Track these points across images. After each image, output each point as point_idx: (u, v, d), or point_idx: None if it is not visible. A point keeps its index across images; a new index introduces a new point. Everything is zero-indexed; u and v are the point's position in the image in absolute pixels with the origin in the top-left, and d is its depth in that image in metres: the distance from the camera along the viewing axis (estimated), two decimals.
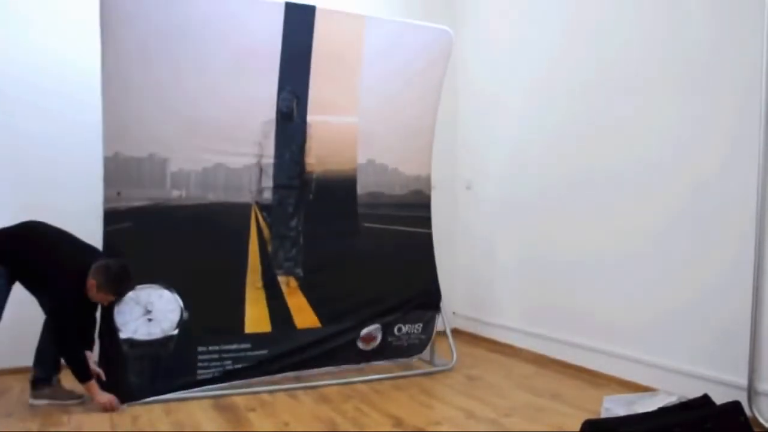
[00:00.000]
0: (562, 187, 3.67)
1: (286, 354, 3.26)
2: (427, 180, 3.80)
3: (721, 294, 2.76)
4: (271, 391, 3.08)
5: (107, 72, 2.95)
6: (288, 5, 3.27)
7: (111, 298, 2.87)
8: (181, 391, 2.99)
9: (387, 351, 3.57)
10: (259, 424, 2.62)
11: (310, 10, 3.33)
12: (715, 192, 2.79)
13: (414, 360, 3.67)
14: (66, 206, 3.50)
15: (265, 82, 3.31)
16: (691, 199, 2.91)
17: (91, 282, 2.79)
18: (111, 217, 3.01)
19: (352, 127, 3.54)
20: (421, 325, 3.67)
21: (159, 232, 3.12)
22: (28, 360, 3.37)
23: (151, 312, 3.02)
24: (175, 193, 3.18)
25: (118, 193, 3.05)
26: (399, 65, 3.59)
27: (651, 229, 3.11)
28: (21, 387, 3.13)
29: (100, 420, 2.67)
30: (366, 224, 3.61)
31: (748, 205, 2.62)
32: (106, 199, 3.02)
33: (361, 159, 3.59)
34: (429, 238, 3.78)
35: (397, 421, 2.66)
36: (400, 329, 3.60)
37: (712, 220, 2.80)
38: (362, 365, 3.47)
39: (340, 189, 3.54)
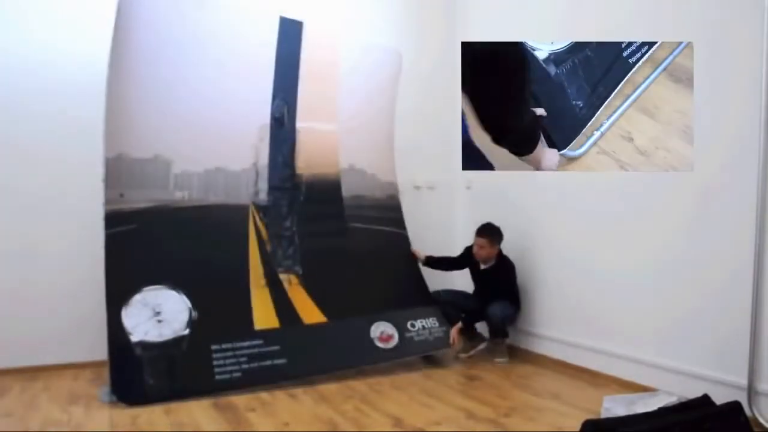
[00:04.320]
0: (562, 188, 3.67)
1: (305, 356, 3.25)
2: (396, 186, 4.05)
3: (721, 294, 2.76)
4: (270, 391, 3.08)
5: (114, 73, 2.98)
6: (282, 19, 3.50)
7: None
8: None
9: (411, 346, 3.58)
10: (259, 424, 2.61)
11: (299, 25, 3.59)
12: (715, 191, 2.79)
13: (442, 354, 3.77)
14: (65, 207, 3.50)
15: (261, 89, 3.48)
16: (692, 200, 2.91)
17: None
18: (113, 219, 3.01)
19: (333, 134, 3.75)
20: (435, 319, 3.74)
21: (163, 234, 3.15)
22: (28, 360, 3.39)
23: (160, 313, 3.02)
24: (179, 195, 3.21)
25: (121, 195, 3.05)
26: (362, 81, 3.88)
27: (651, 229, 3.11)
28: (21, 387, 3.13)
29: (100, 420, 2.68)
30: (353, 224, 3.77)
31: (748, 205, 2.62)
32: (108, 201, 3.02)
33: (343, 164, 3.79)
34: (406, 239, 3.99)
35: (397, 421, 2.66)
36: (413, 325, 3.64)
37: (712, 221, 2.80)
38: (389, 362, 3.49)
39: (328, 191, 3.71)
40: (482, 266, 3.91)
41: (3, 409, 2.78)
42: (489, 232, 3.83)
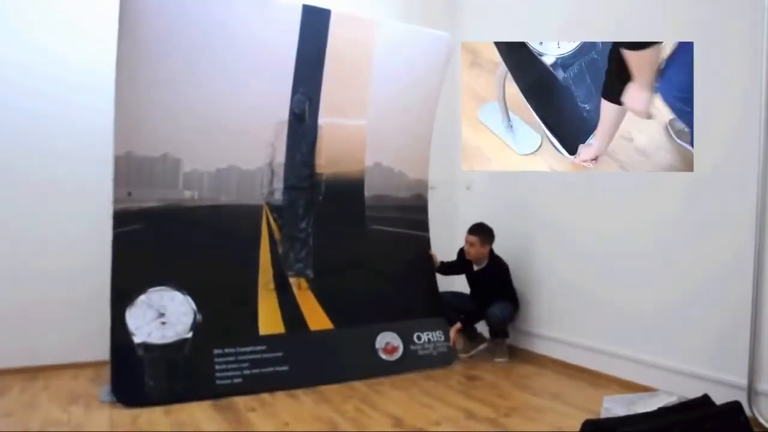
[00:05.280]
0: (561, 187, 3.67)
1: (307, 364, 3.21)
2: (426, 184, 3.87)
3: (721, 294, 2.76)
4: (271, 391, 3.08)
5: (122, 68, 2.90)
6: (305, 7, 3.26)
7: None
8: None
9: (413, 360, 3.52)
10: (259, 424, 2.61)
11: (326, 13, 3.34)
12: (715, 191, 2.79)
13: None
14: (69, 207, 3.50)
15: (280, 83, 3.29)
16: (691, 198, 2.91)
17: None
18: (121, 218, 2.98)
19: (362, 130, 3.55)
20: (441, 332, 3.67)
21: (171, 234, 3.10)
22: (28, 360, 3.39)
23: (164, 315, 3.00)
24: (188, 194, 3.15)
25: (129, 194, 3.01)
26: (403, 69, 3.62)
27: (651, 228, 3.11)
28: (21, 387, 3.13)
29: (100, 420, 2.67)
30: (373, 226, 3.62)
31: (748, 204, 2.62)
32: (116, 200, 2.99)
33: (369, 161, 3.60)
34: (428, 242, 3.85)
35: (397, 421, 2.66)
36: (419, 337, 3.58)
37: (712, 219, 2.80)
38: (390, 376, 3.38)
39: (349, 191, 3.56)
40: (476, 267, 3.91)
41: (3, 409, 2.78)
42: (479, 231, 3.83)
